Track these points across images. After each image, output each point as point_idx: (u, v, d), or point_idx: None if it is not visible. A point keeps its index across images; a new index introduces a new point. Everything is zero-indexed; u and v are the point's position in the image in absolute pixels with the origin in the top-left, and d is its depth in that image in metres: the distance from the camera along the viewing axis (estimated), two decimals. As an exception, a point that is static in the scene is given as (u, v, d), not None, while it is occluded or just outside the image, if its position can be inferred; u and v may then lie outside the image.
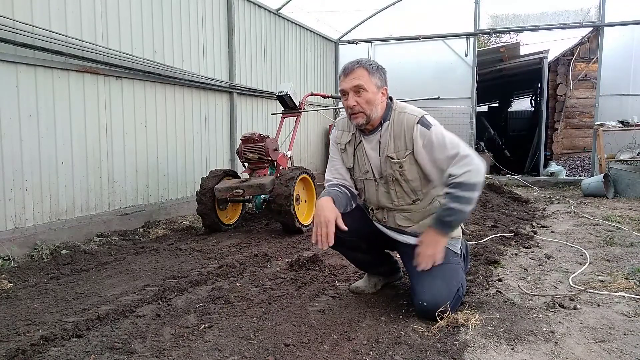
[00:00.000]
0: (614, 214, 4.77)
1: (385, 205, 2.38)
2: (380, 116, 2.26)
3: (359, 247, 2.47)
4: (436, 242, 2.17)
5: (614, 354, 1.82)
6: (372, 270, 2.62)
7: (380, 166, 2.30)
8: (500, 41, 15.94)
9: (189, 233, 4.48)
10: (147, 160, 4.79)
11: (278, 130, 5.01)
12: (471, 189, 2.08)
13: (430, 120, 2.23)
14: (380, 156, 2.29)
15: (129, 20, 4.49)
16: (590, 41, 9.64)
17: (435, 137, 2.16)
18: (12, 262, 3.35)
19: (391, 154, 2.25)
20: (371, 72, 2.19)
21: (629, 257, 3.21)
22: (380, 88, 2.22)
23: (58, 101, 3.86)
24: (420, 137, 2.18)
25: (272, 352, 1.88)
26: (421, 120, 2.21)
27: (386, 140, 2.26)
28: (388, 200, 2.35)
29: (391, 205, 2.35)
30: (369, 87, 2.18)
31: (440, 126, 2.23)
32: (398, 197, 2.31)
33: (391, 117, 2.26)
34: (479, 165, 2.11)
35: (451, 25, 8.59)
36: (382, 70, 2.26)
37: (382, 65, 2.28)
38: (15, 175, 3.56)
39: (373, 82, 2.19)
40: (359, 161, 2.37)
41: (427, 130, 2.17)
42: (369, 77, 2.18)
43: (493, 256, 3.16)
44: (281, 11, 7.14)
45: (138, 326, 2.18)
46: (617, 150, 7.48)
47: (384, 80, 2.25)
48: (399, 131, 2.24)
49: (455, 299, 2.20)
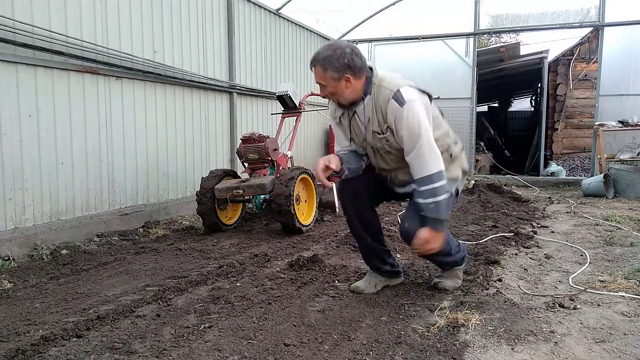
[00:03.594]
0: (614, 214, 4.77)
1: (385, 168, 2.48)
2: (357, 95, 2.33)
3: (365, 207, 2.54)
4: (433, 237, 2.24)
5: (614, 354, 1.82)
6: (375, 262, 2.63)
7: (370, 139, 2.39)
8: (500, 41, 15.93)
9: (189, 233, 4.48)
10: (147, 160, 4.79)
11: (278, 130, 5.01)
12: (428, 182, 2.18)
13: (406, 94, 2.21)
14: (367, 130, 2.37)
15: (129, 20, 4.49)
16: (590, 41, 9.64)
17: (406, 117, 2.19)
18: (12, 262, 3.35)
19: (376, 128, 2.33)
20: (325, 68, 2.25)
21: (629, 257, 3.21)
22: (340, 79, 2.26)
23: (58, 101, 3.86)
24: (391, 113, 2.24)
25: (272, 352, 1.88)
26: (395, 95, 2.23)
27: (369, 114, 2.34)
28: (386, 165, 2.45)
29: (390, 167, 2.46)
30: (327, 83, 2.29)
31: (415, 104, 2.21)
32: (394, 162, 2.41)
33: (372, 90, 2.31)
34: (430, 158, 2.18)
35: (451, 25, 8.59)
36: (340, 58, 2.23)
37: (344, 49, 2.25)
38: (15, 175, 3.56)
39: (329, 77, 2.26)
40: (355, 131, 2.45)
41: (400, 107, 2.21)
42: (324, 74, 2.27)
43: (493, 256, 3.15)
44: (281, 11, 7.14)
45: (138, 326, 2.18)
46: (617, 150, 7.48)
47: (342, 67, 2.23)
48: (378, 105, 2.30)
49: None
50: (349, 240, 3.78)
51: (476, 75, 8.72)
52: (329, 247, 3.69)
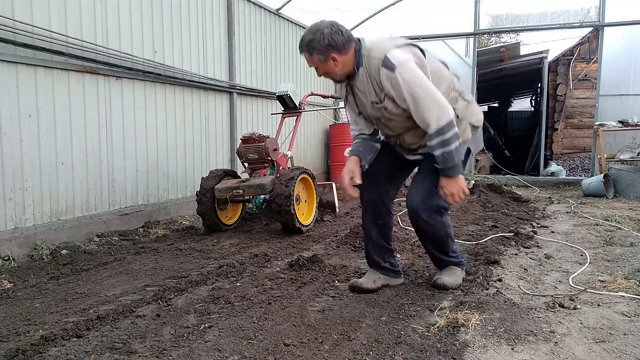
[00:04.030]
0: (614, 214, 4.76)
1: (391, 134, 2.53)
2: (349, 70, 2.36)
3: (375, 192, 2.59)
4: (451, 184, 2.29)
5: (614, 354, 1.82)
6: (375, 256, 2.66)
7: (370, 109, 2.42)
8: (500, 41, 15.93)
9: (189, 233, 4.48)
10: (147, 160, 4.79)
11: (278, 130, 5.01)
12: (442, 133, 2.21)
13: (394, 58, 2.22)
14: (367, 101, 2.40)
15: (129, 20, 4.49)
16: (590, 41, 9.64)
17: (401, 80, 2.21)
18: (12, 262, 3.35)
19: (374, 98, 2.36)
20: (310, 52, 2.32)
21: (629, 257, 3.21)
22: (326, 59, 2.31)
23: (58, 101, 3.86)
24: (387, 80, 2.25)
25: (272, 352, 1.88)
26: (384, 62, 2.23)
27: (365, 86, 2.36)
28: (392, 131, 2.49)
29: (395, 133, 2.49)
30: (317, 65, 2.36)
31: (406, 63, 2.21)
32: (398, 127, 2.44)
33: (363, 62, 2.33)
34: (435, 112, 2.20)
35: (451, 25, 8.59)
36: (321, 39, 2.26)
37: (323, 30, 2.27)
38: (15, 175, 3.56)
39: (316, 59, 2.32)
40: (359, 105, 2.49)
41: (392, 72, 2.22)
42: (311, 57, 2.33)
43: (493, 256, 3.15)
44: (281, 11, 7.14)
45: (138, 326, 2.18)
46: (617, 150, 7.48)
47: (325, 48, 2.27)
48: (371, 76, 2.32)
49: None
50: (349, 240, 3.79)
51: (476, 75, 8.71)
52: (329, 247, 3.69)
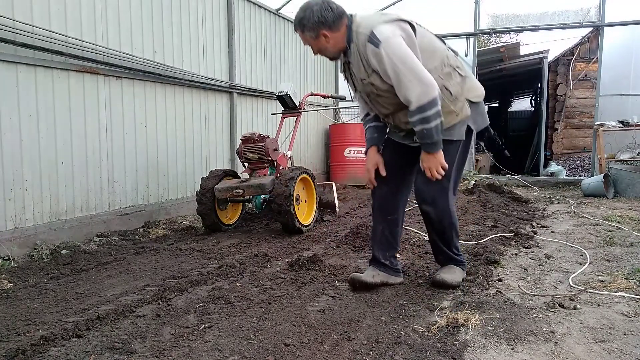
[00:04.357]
0: (614, 214, 4.77)
1: (385, 113, 2.51)
2: (341, 46, 2.39)
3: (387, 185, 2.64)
4: (429, 159, 2.34)
5: (614, 354, 1.82)
6: (376, 251, 2.68)
7: (360, 87, 2.44)
8: (500, 41, 15.94)
9: (189, 233, 4.48)
10: (147, 160, 4.79)
11: (278, 130, 5.01)
12: (422, 110, 2.21)
13: (380, 34, 2.22)
14: (358, 77, 2.41)
15: (129, 20, 4.48)
16: (590, 41, 9.65)
17: (385, 55, 2.21)
18: (12, 262, 3.35)
19: (363, 75, 2.36)
20: (302, 30, 2.38)
21: (629, 257, 3.21)
22: (318, 36, 2.35)
23: (58, 101, 3.86)
24: (372, 56, 2.26)
25: (272, 352, 1.88)
26: (370, 38, 2.24)
27: (355, 61, 2.37)
28: (385, 109, 2.49)
29: (388, 111, 2.48)
30: (310, 43, 2.42)
31: (391, 39, 2.21)
32: (389, 104, 2.42)
33: (353, 38, 2.34)
34: (417, 89, 2.19)
35: (451, 25, 8.59)
36: (311, 17, 2.32)
37: (312, 7, 2.32)
38: (15, 175, 3.56)
39: (308, 37, 2.38)
40: (355, 82, 2.49)
41: (377, 48, 2.22)
42: (304, 35, 2.40)
43: (493, 256, 3.15)
44: (281, 11, 7.14)
45: (138, 326, 2.18)
46: (617, 150, 7.49)
47: (315, 25, 2.32)
48: (361, 52, 2.32)
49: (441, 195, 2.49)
50: (349, 240, 3.79)
51: (476, 75, 8.71)
52: (329, 247, 3.69)
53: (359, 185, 7.82)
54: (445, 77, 2.37)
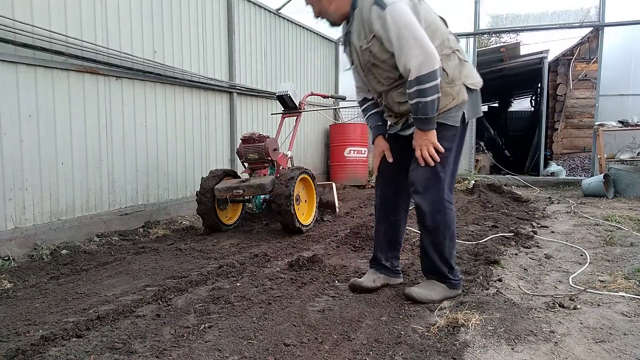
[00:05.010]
0: (614, 214, 4.77)
1: (379, 90, 2.42)
2: (344, 10, 2.34)
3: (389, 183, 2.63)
4: (421, 137, 2.27)
5: (614, 354, 1.82)
6: (378, 252, 2.66)
7: (360, 54, 2.36)
8: (500, 41, 15.93)
9: (189, 233, 4.48)
10: (147, 160, 4.79)
11: (278, 130, 5.01)
12: (421, 82, 2.12)
13: None
14: (357, 45, 2.34)
15: (129, 20, 4.48)
16: (590, 41, 9.65)
17: (391, 18, 2.14)
18: (12, 262, 3.35)
19: (362, 41, 2.29)
20: None
21: (629, 257, 3.21)
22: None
23: (58, 101, 3.86)
24: (377, 19, 2.19)
25: (272, 352, 1.88)
26: (376, 0, 2.17)
27: (356, 28, 2.31)
28: (379, 85, 2.40)
29: (382, 88, 2.40)
30: (312, 3, 2.37)
31: (398, 4, 2.15)
32: (384, 77, 2.34)
33: (358, 3, 2.29)
34: (419, 58, 2.10)
35: (451, 25, 8.46)
36: None
37: None
38: (15, 175, 3.56)
39: None
40: (353, 53, 2.43)
41: (382, 10, 2.15)
42: None
43: (493, 256, 3.15)
44: (281, 11, 7.14)
45: (138, 326, 2.18)
46: (617, 150, 7.48)
47: None
48: (365, 16, 2.25)
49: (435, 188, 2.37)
50: (349, 240, 3.79)
51: (476, 75, 8.69)
52: (329, 247, 3.69)
53: (359, 185, 7.82)
54: (444, 59, 2.27)
